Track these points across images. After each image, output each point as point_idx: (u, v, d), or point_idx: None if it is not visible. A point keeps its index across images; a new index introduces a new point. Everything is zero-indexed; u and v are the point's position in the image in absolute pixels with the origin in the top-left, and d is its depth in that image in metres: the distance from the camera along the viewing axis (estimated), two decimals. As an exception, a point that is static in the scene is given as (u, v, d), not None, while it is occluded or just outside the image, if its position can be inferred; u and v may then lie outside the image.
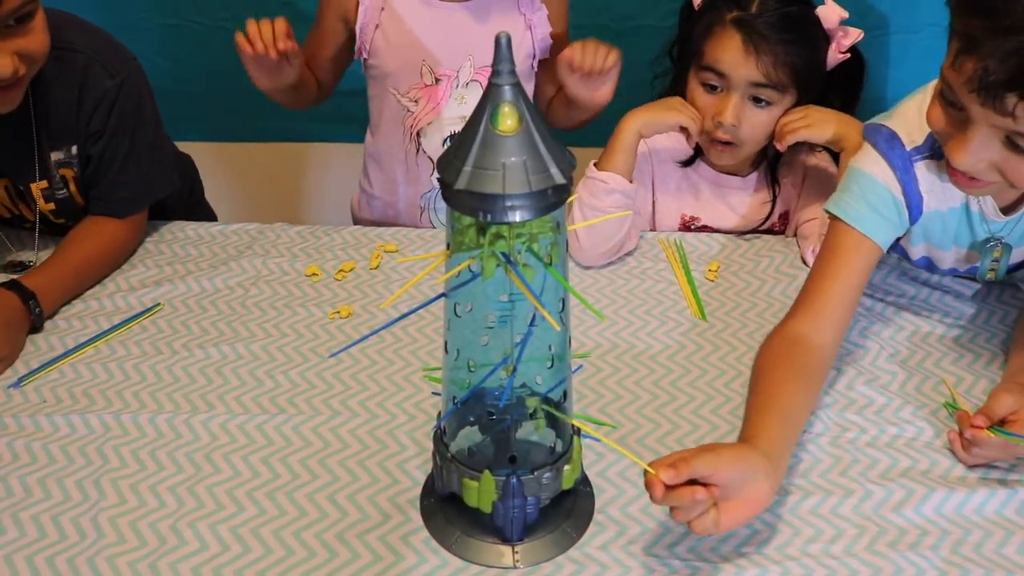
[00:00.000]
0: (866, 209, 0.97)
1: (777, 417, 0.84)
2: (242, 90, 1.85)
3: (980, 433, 0.86)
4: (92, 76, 1.13)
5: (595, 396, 0.98)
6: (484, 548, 0.81)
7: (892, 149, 0.96)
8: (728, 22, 1.15)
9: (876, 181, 0.97)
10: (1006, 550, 0.81)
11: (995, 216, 0.99)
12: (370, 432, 0.94)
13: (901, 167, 0.96)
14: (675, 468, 0.72)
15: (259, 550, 0.82)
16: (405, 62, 1.29)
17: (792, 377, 0.89)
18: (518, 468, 0.79)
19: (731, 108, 1.17)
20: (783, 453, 0.83)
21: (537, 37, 1.30)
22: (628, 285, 1.16)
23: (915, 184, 0.97)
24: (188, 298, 1.15)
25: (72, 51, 1.12)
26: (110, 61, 1.15)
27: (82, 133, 1.16)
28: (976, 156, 0.84)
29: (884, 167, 0.96)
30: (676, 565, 0.80)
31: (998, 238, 1.01)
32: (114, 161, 1.18)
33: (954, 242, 1.04)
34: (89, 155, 1.17)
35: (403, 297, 1.11)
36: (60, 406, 0.98)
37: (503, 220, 0.68)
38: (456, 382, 0.79)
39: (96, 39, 1.16)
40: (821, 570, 0.79)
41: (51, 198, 1.19)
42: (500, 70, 0.67)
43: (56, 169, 1.17)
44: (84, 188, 1.21)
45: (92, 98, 1.14)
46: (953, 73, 0.81)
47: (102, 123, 1.15)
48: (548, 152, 0.68)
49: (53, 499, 0.86)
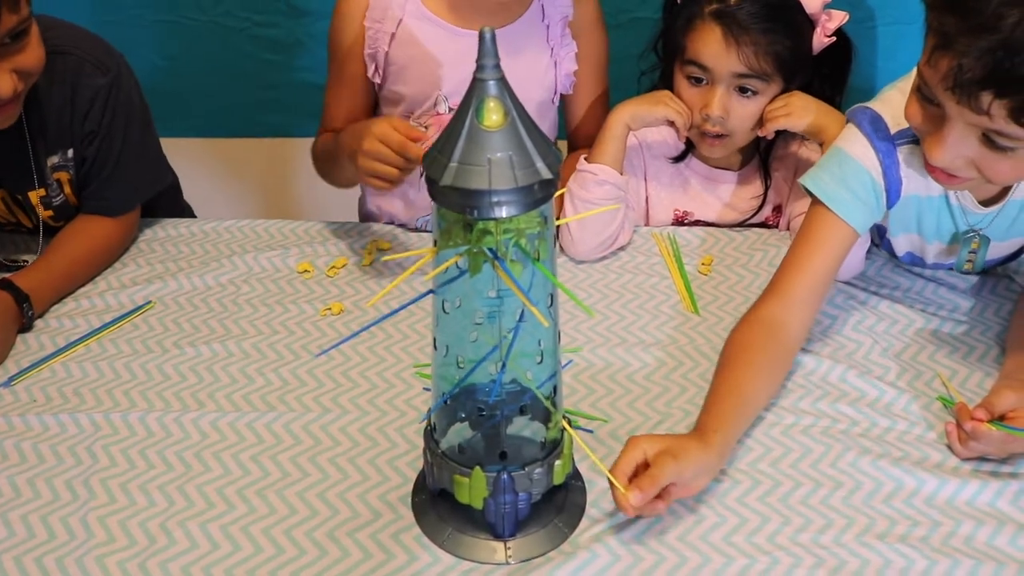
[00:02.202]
0: (845, 192, 0.97)
1: (739, 409, 0.88)
2: (235, 86, 1.85)
3: (980, 426, 0.85)
4: (84, 76, 1.13)
5: (587, 391, 0.98)
6: (476, 544, 0.81)
7: (877, 132, 0.96)
8: (708, 15, 1.14)
9: (858, 163, 0.97)
10: (997, 541, 0.80)
11: (974, 208, 0.99)
12: (361, 429, 0.93)
13: (884, 150, 0.96)
14: (642, 489, 0.77)
15: (249, 549, 0.81)
16: (420, 89, 1.23)
17: (759, 366, 0.92)
18: (509, 464, 0.78)
19: (717, 100, 1.17)
20: (733, 443, 0.88)
21: (562, 73, 1.25)
22: (621, 279, 1.16)
23: (896, 168, 0.97)
24: (179, 295, 1.15)
25: (61, 53, 1.11)
26: (99, 59, 1.14)
27: (77, 134, 1.15)
28: (953, 153, 0.83)
29: (867, 149, 0.96)
30: (666, 554, 0.80)
31: (976, 230, 1.00)
32: (108, 160, 1.17)
33: (936, 236, 1.04)
34: (84, 157, 1.17)
35: (394, 293, 1.10)
36: (50, 405, 0.97)
37: (489, 216, 0.68)
38: (445, 378, 0.79)
39: (82, 38, 1.15)
40: (810, 559, 0.79)
41: (49, 205, 1.19)
42: (484, 64, 0.66)
43: (51, 174, 1.17)
44: (78, 189, 1.20)
45: (85, 98, 1.13)
46: (929, 70, 0.81)
47: (96, 122, 1.15)
48: (534, 147, 0.67)
49: (42, 499, 0.86)
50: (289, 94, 1.82)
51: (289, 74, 1.82)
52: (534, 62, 1.23)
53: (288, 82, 1.82)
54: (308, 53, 1.78)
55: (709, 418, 0.86)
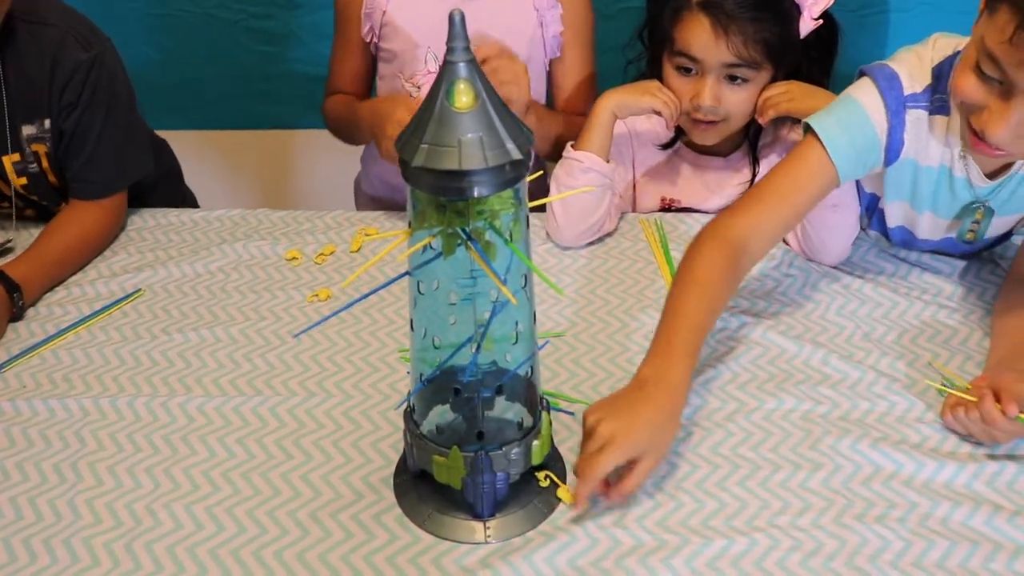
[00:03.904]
0: (844, 139, 0.98)
1: (693, 343, 0.88)
2: (229, 78, 1.86)
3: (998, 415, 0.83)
4: (66, 48, 1.14)
5: (568, 374, 0.99)
6: (456, 524, 0.82)
7: (891, 88, 0.97)
8: (695, 5, 1.15)
9: (865, 114, 0.98)
10: (972, 522, 0.81)
11: (980, 181, 0.99)
12: (344, 413, 0.94)
13: (894, 108, 0.97)
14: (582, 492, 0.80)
15: (232, 529, 0.82)
16: (411, 46, 1.30)
17: (717, 300, 0.92)
18: (487, 444, 0.79)
19: (708, 90, 1.17)
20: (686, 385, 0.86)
21: (548, 34, 1.30)
22: (606, 264, 1.16)
23: (902, 129, 0.98)
24: (169, 283, 1.16)
25: (46, 24, 1.12)
26: (84, 35, 1.15)
27: (55, 105, 1.16)
28: (1017, 131, 0.84)
29: (878, 102, 0.98)
30: (644, 538, 0.80)
31: (982, 201, 1.01)
32: (87, 137, 1.18)
33: (931, 208, 1.04)
34: (62, 129, 1.17)
35: (376, 276, 1.11)
36: (40, 391, 0.99)
37: (461, 196, 0.68)
38: (424, 360, 0.80)
39: (71, 15, 1.16)
40: (788, 541, 0.80)
41: (23, 172, 1.19)
42: (455, 47, 0.67)
43: (28, 144, 1.18)
44: (58, 167, 1.21)
45: (66, 70, 1.14)
46: (1009, 49, 0.80)
47: (75, 94, 1.15)
48: (504, 128, 0.68)
49: (30, 482, 0.87)
50: (284, 85, 1.84)
51: (284, 65, 1.83)
52: (521, 21, 1.27)
53: (283, 73, 1.83)
54: (302, 45, 1.80)
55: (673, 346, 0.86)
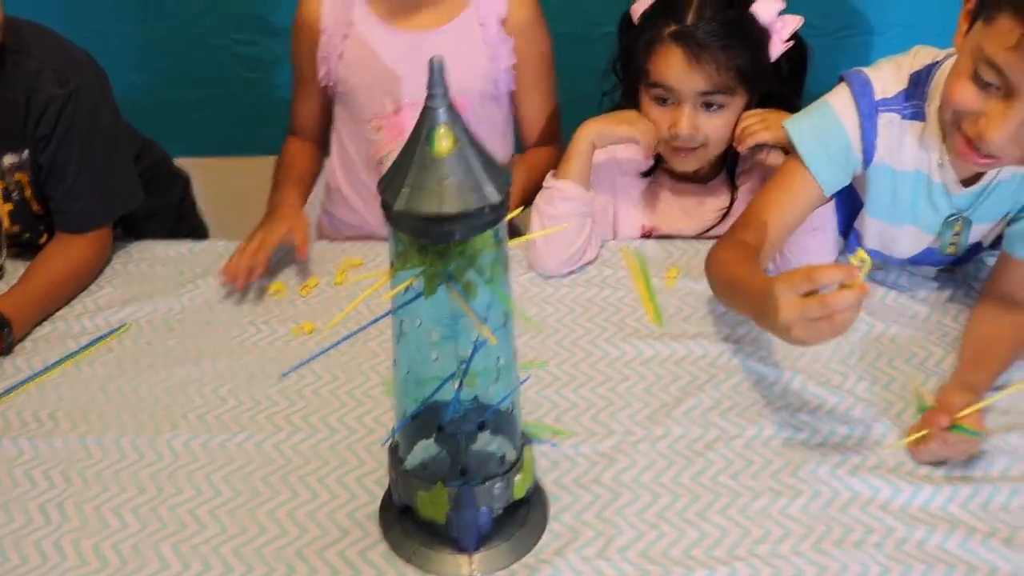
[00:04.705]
0: (819, 149, 1.03)
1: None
2: (222, 102, 1.87)
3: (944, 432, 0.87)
4: (41, 83, 1.14)
5: (551, 405, 1.00)
6: (441, 559, 0.83)
7: (864, 94, 1.02)
8: (667, 37, 1.16)
9: (837, 118, 1.03)
10: (948, 544, 0.82)
11: (956, 188, 1.02)
12: (330, 448, 0.95)
13: (866, 112, 1.02)
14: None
15: (219, 568, 0.83)
16: (368, 90, 1.31)
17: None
18: (470, 479, 0.80)
19: (685, 119, 1.19)
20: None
21: (501, 68, 1.32)
22: (588, 293, 1.18)
23: (874, 132, 1.02)
24: (154, 317, 1.16)
25: (27, 55, 1.13)
26: (62, 70, 1.16)
27: (30, 138, 1.17)
28: (1017, 132, 0.86)
29: (850, 106, 1.02)
30: (627, 569, 0.81)
31: (961, 213, 1.04)
32: (67, 169, 1.19)
33: (912, 221, 1.06)
34: (40, 163, 1.18)
35: (362, 312, 1.12)
36: (26, 430, 0.99)
37: (441, 240, 0.70)
38: (408, 396, 0.81)
39: (54, 48, 1.17)
40: (768, 569, 0.81)
41: (8, 198, 1.21)
42: (434, 93, 0.68)
43: (11, 173, 1.19)
44: (41, 197, 1.22)
45: (40, 102, 1.15)
46: (1015, 54, 0.82)
47: (49, 127, 1.16)
48: (484, 171, 0.69)
49: (15, 523, 0.88)
50: (269, 112, 1.85)
51: (269, 92, 1.84)
52: (473, 58, 1.30)
53: (268, 100, 1.84)
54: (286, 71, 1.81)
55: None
